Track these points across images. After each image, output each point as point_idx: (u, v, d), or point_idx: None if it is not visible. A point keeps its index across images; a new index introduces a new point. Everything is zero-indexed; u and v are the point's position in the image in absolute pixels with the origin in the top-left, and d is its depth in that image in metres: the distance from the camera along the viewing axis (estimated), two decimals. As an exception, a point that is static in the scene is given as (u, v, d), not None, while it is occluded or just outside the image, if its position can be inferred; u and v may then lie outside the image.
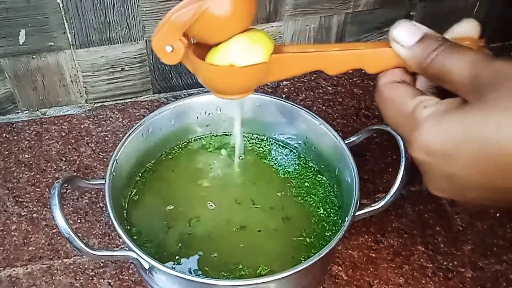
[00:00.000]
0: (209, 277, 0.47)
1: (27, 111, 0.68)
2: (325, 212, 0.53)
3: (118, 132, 0.66)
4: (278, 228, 0.52)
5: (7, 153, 0.63)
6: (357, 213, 0.47)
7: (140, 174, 0.56)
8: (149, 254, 0.44)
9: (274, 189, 0.55)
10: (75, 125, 0.66)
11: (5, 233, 0.56)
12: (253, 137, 0.59)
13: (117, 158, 0.51)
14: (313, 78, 0.72)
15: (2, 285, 0.52)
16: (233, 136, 0.57)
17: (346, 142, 0.52)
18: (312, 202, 0.54)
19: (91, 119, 0.67)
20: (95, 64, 0.65)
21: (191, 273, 0.48)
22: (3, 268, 0.54)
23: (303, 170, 0.57)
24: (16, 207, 0.58)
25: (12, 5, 0.58)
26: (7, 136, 0.65)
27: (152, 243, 0.51)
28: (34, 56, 0.63)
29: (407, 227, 0.57)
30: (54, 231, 0.56)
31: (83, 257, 0.54)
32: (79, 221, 0.57)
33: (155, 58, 0.66)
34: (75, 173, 0.61)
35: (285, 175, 0.56)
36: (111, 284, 0.53)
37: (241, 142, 0.55)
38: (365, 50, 0.40)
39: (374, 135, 0.64)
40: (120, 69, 0.67)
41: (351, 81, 0.71)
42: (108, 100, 0.69)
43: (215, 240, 0.51)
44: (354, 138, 0.53)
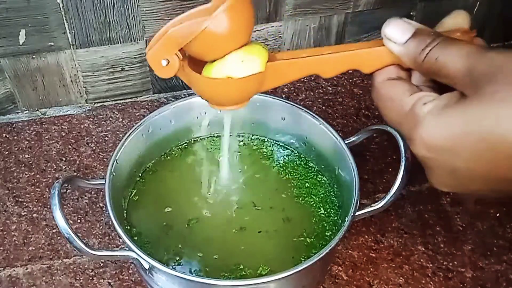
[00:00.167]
0: (209, 277, 0.47)
1: (27, 111, 0.68)
2: (326, 212, 0.53)
3: (118, 132, 0.66)
4: (279, 228, 0.52)
5: (7, 153, 0.63)
6: (357, 213, 0.47)
7: (140, 175, 0.56)
8: (149, 254, 0.44)
9: (275, 190, 0.55)
10: (75, 125, 0.66)
11: (5, 233, 0.56)
12: (253, 138, 0.59)
13: (117, 158, 0.51)
14: (313, 78, 0.72)
15: (2, 285, 0.52)
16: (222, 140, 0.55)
17: (346, 142, 0.52)
18: (313, 203, 0.54)
19: (91, 119, 0.67)
20: (95, 64, 0.65)
21: (191, 273, 0.49)
22: (3, 268, 0.54)
23: (303, 171, 0.57)
24: (16, 207, 0.58)
25: (12, 5, 0.58)
26: (7, 136, 0.65)
27: (152, 243, 0.51)
28: (34, 56, 0.63)
29: (407, 227, 0.57)
30: (54, 231, 0.56)
31: (83, 257, 0.54)
32: (79, 221, 0.57)
33: (155, 58, 0.66)
34: (75, 173, 0.61)
35: (286, 176, 0.56)
36: (111, 284, 0.53)
37: (228, 148, 0.54)
38: (359, 50, 0.40)
39: (374, 135, 0.64)
40: (120, 69, 0.67)
41: (351, 81, 0.71)
42: (108, 100, 0.69)
43: (215, 241, 0.51)
44: (354, 138, 0.53)
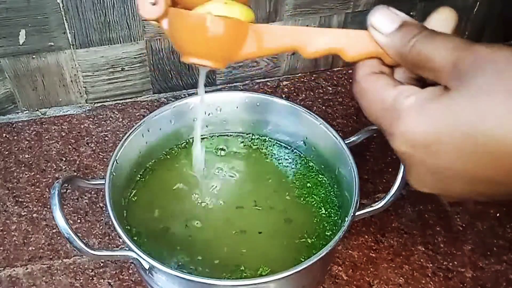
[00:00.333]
0: (209, 277, 0.47)
1: (27, 111, 0.68)
2: (326, 212, 0.53)
3: (118, 132, 0.66)
4: (280, 229, 0.52)
5: (7, 153, 0.63)
6: (357, 213, 0.47)
7: (140, 174, 0.56)
8: (149, 254, 0.44)
9: (276, 190, 0.55)
10: (75, 125, 0.66)
11: (5, 233, 0.56)
12: (253, 138, 0.59)
13: (117, 158, 0.51)
14: (313, 78, 0.72)
15: (2, 285, 0.52)
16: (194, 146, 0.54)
17: (346, 142, 0.52)
18: (314, 203, 0.54)
19: (91, 119, 0.67)
20: (95, 64, 0.65)
21: (191, 273, 0.48)
22: (3, 268, 0.54)
23: (304, 171, 0.57)
24: (16, 207, 0.58)
25: (12, 5, 0.58)
26: (7, 136, 0.65)
27: (152, 244, 0.51)
28: (34, 56, 0.63)
29: (407, 227, 0.57)
30: (54, 231, 0.56)
31: (83, 257, 0.54)
32: (79, 221, 0.57)
33: (155, 58, 0.66)
34: (75, 173, 0.61)
35: (287, 176, 0.56)
36: (111, 284, 0.53)
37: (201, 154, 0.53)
38: (342, 30, 0.39)
39: (374, 135, 0.64)
40: (120, 69, 0.67)
41: (351, 81, 0.71)
42: (108, 100, 0.69)
43: (216, 242, 0.51)
44: (354, 138, 0.53)
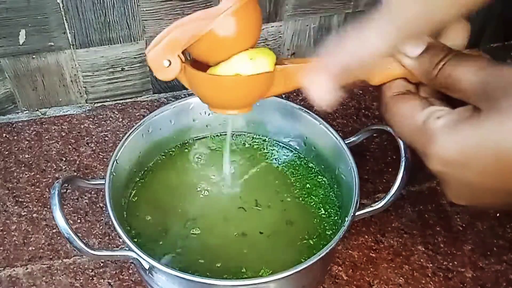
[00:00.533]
0: (210, 277, 0.47)
1: (27, 111, 0.68)
2: (326, 213, 0.53)
3: (118, 132, 0.66)
4: (281, 231, 0.52)
5: (7, 153, 0.63)
6: (357, 213, 0.47)
7: (140, 175, 0.56)
8: (149, 255, 0.44)
9: (276, 191, 0.55)
10: (75, 125, 0.66)
11: (5, 233, 0.56)
12: (253, 138, 0.59)
13: (117, 158, 0.51)
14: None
15: (2, 285, 0.53)
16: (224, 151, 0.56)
17: (346, 142, 0.52)
18: (313, 203, 0.54)
19: (91, 119, 0.67)
20: (95, 64, 0.65)
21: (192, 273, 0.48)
22: (3, 268, 0.54)
23: (304, 171, 0.57)
24: (16, 207, 0.58)
25: (12, 5, 0.58)
26: (7, 136, 0.65)
27: (152, 245, 0.51)
28: (34, 56, 0.63)
29: (407, 227, 0.57)
30: (54, 231, 0.56)
31: (83, 257, 0.54)
32: (79, 221, 0.57)
33: (155, 58, 0.66)
34: (75, 173, 0.61)
35: (287, 176, 0.56)
36: (111, 284, 0.53)
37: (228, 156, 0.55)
38: None
39: (374, 135, 0.64)
40: (120, 69, 0.67)
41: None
42: (108, 100, 0.69)
43: (216, 243, 0.51)
44: (354, 138, 0.53)
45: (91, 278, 0.53)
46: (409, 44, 0.37)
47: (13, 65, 0.63)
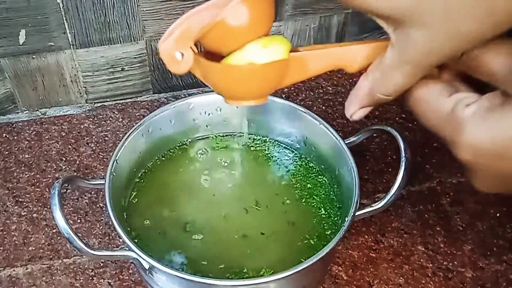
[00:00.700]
0: (210, 277, 0.47)
1: (27, 111, 0.68)
2: (326, 213, 0.53)
3: (118, 132, 0.66)
4: (283, 231, 0.52)
5: (7, 153, 0.63)
6: (357, 213, 0.47)
7: (140, 175, 0.56)
8: (149, 255, 0.44)
9: (276, 191, 0.55)
10: (75, 125, 0.66)
11: (5, 233, 0.56)
12: (253, 138, 0.59)
13: (117, 158, 0.51)
14: (313, 78, 0.71)
15: (2, 285, 0.52)
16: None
17: (346, 142, 0.52)
18: (314, 203, 0.54)
19: (91, 119, 0.67)
20: (95, 64, 0.65)
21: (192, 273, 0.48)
22: (3, 268, 0.54)
23: (305, 171, 0.57)
24: (16, 207, 0.58)
25: (12, 5, 0.58)
26: (7, 136, 0.65)
27: (152, 245, 0.51)
28: (34, 56, 0.63)
29: (407, 227, 0.57)
30: (54, 231, 0.56)
31: (83, 257, 0.54)
32: (79, 221, 0.57)
33: (155, 58, 0.66)
34: (75, 173, 0.61)
35: (287, 177, 0.56)
36: (111, 284, 0.53)
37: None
38: (383, 42, 0.37)
39: (374, 135, 0.64)
40: (120, 69, 0.67)
41: (351, 81, 0.71)
42: (108, 100, 0.69)
43: (217, 244, 0.51)
44: (354, 138, 0.53)
45: (91, 278, 0.53)
46: None
47: (13, 65, 0.63)
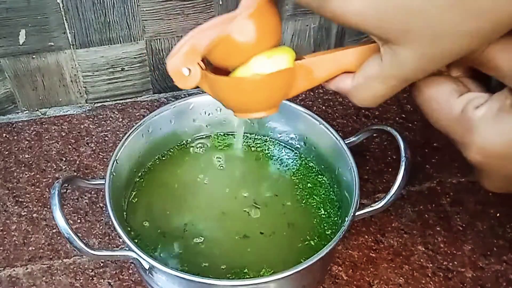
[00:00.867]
0: (210, 277, 0.47)
1: (27, 111, 0.68)
2: (326, 213, 0.53)
3: (118, 132, 0.66)
4: (282, 230, 0.52)
5: (7, 153, 0.63)
6: (357, 213, 0.47)
7: (140, 175, 0.56)
8: (150, 256, 0.44)
9: (277, 191, 0.55)
10: (75, 125, 0.66)
11: (5, 233, 0.56)
12: (254, 138, 0.59)
13: (117, 158, 0.51)
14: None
15: (2, 285, 0.53)
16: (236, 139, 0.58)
17: (346, 142, 0.52)
18: (314, 203, 0.54)
19: (91, 119, 0.67)
20: (95, 64, 0.65)
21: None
22: (3, 268, 0.54)
23: (305, 171, 0.57)
24: (16, 207, 0.58)
25: (12, 5, 0.58)
26: (7, 136, 0.65)
27: (152, 245, 0.51)
28: (34, 56, 0.63)
29: (407, 227, 0.57)
30: (54, 231, 0.56)
31: (83, 257, 0.54)
32: (79, 221, 0.57)
33: (155, 58, 0.66)
34: (75, 173, 0.61)
35: (287, 177, 0.56)
36: (111, 284, 0.53)
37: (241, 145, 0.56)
38: None
39: (374, 135, 0.64)
40: (120, 69, 0.67)
41: (351, 81, 0.71)
42: (108, 100, 0.69)
43: (217, 244, 0.51)
44: (354, 138, 0.53)
45: (91, 278, 0.53)
46: None
47: (13, 65, 0.63)
